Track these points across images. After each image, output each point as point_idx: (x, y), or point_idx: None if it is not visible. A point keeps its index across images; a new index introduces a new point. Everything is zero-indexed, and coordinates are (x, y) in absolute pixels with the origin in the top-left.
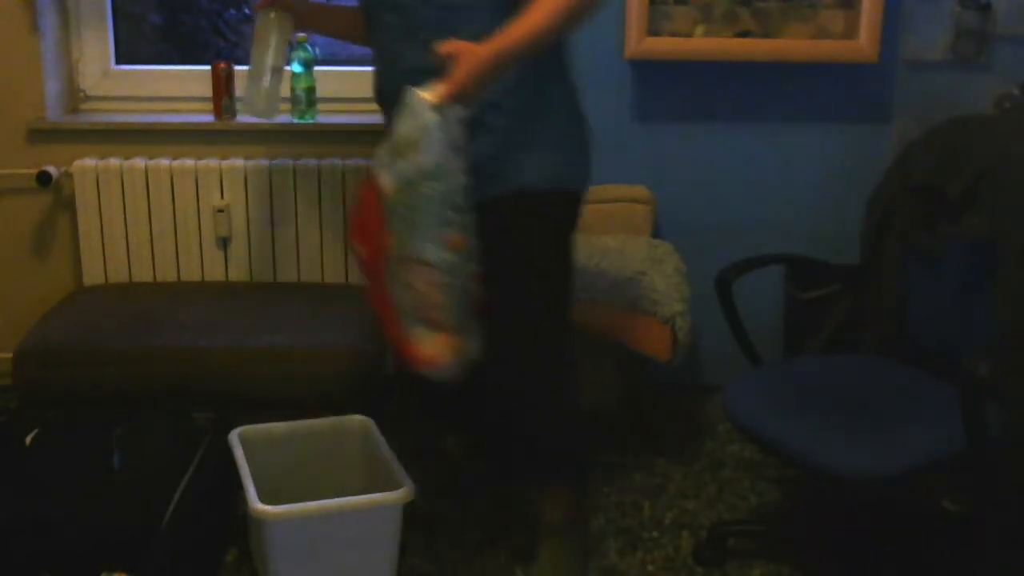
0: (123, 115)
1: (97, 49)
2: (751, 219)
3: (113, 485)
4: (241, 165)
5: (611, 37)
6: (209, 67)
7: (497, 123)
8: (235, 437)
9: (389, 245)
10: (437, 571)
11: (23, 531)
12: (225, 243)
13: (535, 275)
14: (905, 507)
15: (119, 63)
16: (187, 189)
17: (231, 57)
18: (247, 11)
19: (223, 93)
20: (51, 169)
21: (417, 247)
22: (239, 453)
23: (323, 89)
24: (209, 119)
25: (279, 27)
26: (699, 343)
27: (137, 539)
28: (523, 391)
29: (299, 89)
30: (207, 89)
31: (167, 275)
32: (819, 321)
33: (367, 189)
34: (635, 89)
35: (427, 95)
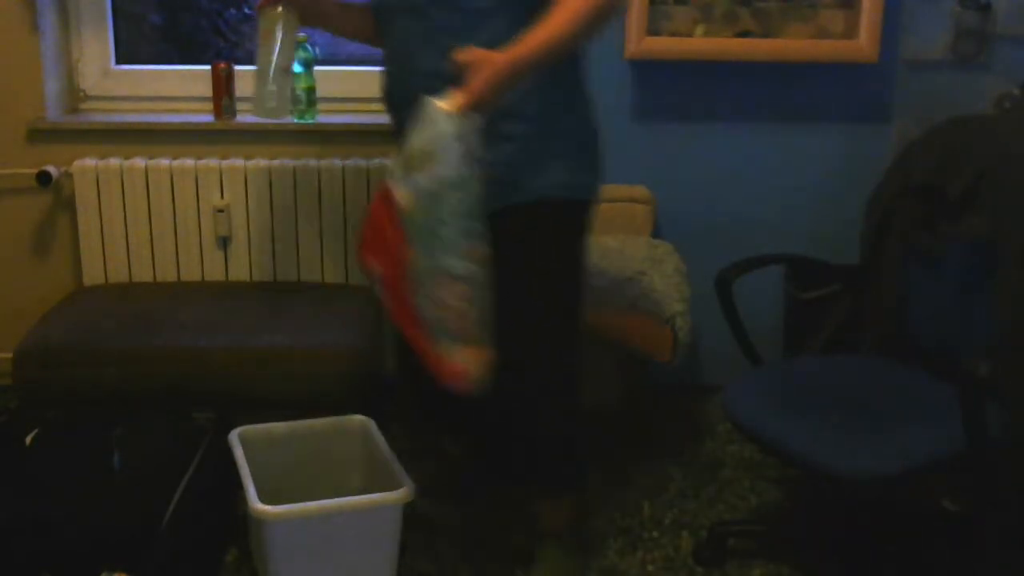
0: (123, 115)
1: (97, 49)
2: (751, 219)
3: (113, 485)
4: (241, 165)
5: (611, 37)
6: (209, 67)
7: (514, 131)
8: (235, 437)
9: (410, 260)
10: (437, 571)
11: (23, 531)
12: (225, 243)
13: (550, 282)
14: (905, 507)
15: (119, 63)
16: (187, 189)
17: (231, 57)
18: (247, 11)
19: (223, 93)
20: (51, 169)
21: (443, 261)
22: (239, 453)
23: (323, 89)
24: (209, 119)
25: (285, 24)
26: (699, 343)
27: (137, 539)
28: (536, 397)
29: (299, 89)
30: (207, 89)
31: (167, 275)
32: (819, 321)
33: (379, 204)
34: (635, 89)
35: (444, 104)
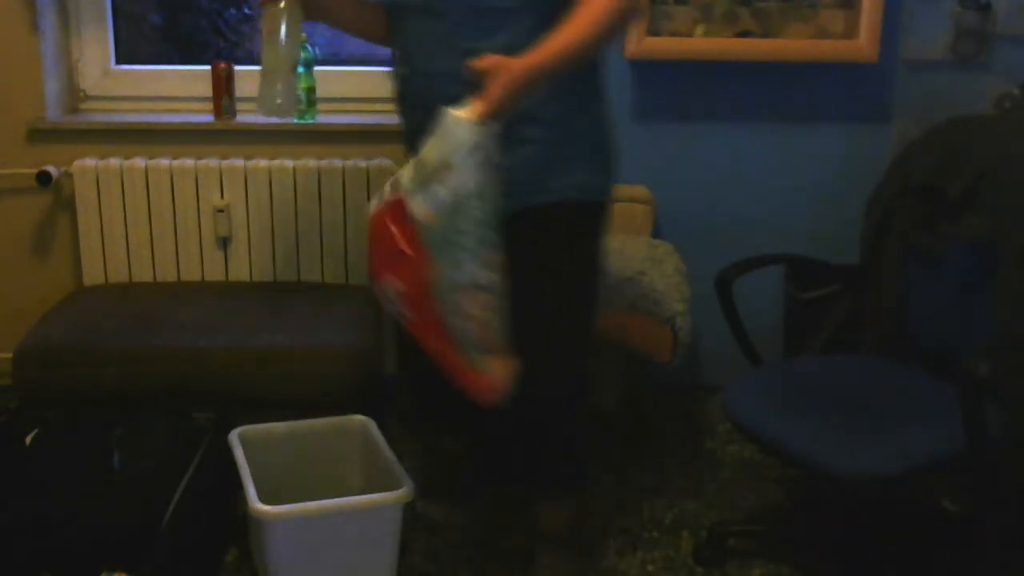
0: (123, 115)
1: (97, 49)
2: (751, 219)
3: (113, 485)
4: (241, 165)
5: None
6: (209, 67)
7: (533, 134)
8: (235, 437)
9: (434, 274)
10: (437, 571)
11: (23, 531)
12: (225, 243)
13: (566, 283)
14: (905, 507)
15: (119, 63)
16: (187, 189)
17: (231, 57)
18: (247, 11)
19: (223, 93)
20: (51, 169)
21: (467, 271)
22: (239, 453)
23: (323, 89)
24: (209, 119)
25: (289, 19)
26: (699, 343)
27: (137, 539)
28: (549, 399)
29: (299, 89)
30: (207, 89)
31: (167, 275)
32: (819, 321)
33: (384, 220)
34: (635, 89)
35: (462, 114)
